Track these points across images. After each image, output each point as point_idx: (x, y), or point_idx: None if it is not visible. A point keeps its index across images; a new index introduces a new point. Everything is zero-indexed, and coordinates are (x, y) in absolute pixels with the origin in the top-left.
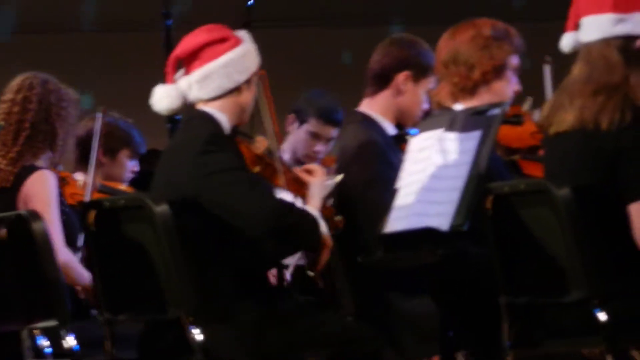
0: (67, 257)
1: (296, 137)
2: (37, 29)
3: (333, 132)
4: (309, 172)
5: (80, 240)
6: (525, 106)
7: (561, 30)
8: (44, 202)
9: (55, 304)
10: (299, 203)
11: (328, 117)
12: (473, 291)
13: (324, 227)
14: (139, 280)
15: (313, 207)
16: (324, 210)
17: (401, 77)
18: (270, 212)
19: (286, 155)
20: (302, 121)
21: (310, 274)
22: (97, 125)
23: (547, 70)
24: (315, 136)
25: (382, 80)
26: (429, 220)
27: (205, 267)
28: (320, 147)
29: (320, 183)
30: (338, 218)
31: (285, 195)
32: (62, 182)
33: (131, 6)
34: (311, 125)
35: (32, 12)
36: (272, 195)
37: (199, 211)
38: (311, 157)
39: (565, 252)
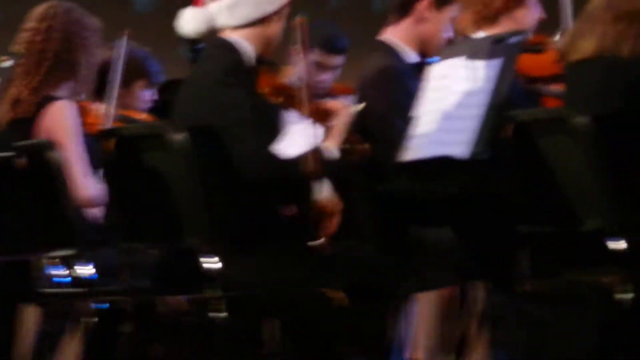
0: (95, 192)
1: (301, 67)
2: None
3: (337, 60)
4: (335, 109)
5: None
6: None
7: None
8: (67, 133)
9: (72, 232)
10: (319, 133)
11: (331, 46)
12: (493, 220)
13: (326, 191)
14: (157, 208)
15: (334, 143)
16: (349, 137)
17: (424, 4)
18: (261, 164)
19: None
20: None
21: (312, 244)
22: (121, 50)
23: None
24: (319, 66)
25: (404, 8)
26: (449, 148)
27: (224, 197)
28: (325, 76)
29: (345, 121)
30: (365, 146)
31: (307, 125)
32: (82, 111)
33: None
34: (315, 54)
35: None
36: (269, 145)
37: (213, 140)
38: (318, 87)
39: (586, 180)
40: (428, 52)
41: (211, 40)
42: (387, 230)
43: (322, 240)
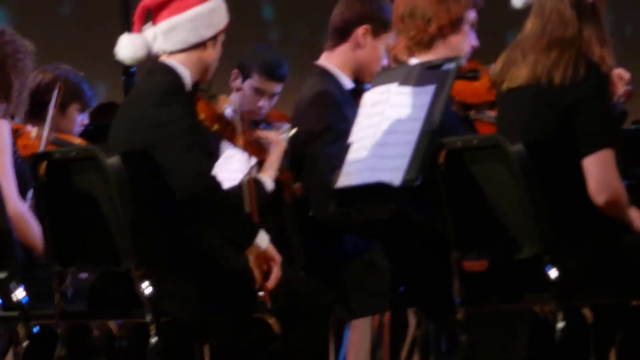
0: (21, 209)
1: (240, 92)
2: None
3: (277, 87)
4: (269, 138)
5: (30, 193)
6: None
7: None
8: None
9: (4, 255)
10: (254, 164)
11: (271, 73)
12: (425, 247)
13: (264, 240)
14: (90, 232)
15: (268, 176)
16: (282, 175)
17: (360, 31)
18: (197, 179)
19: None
20: (245, 76)
21: (260, 294)
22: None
23: None
24: (258, 92)
25: (341, 34)
26: (381, 175)
27: (155, 219)
28: (263, 103)
29: (280, 152)
30: (296, 185)
31: (241, 156)
32: (15, 133)
33: None
34: (254, 80)
35: None
36: (206, 164)
37: (147, 161)
38: (255, 113)
39: (518, 208)
40: (364, 78)
41: (149, 64)
42: (318, 256)
43: (263, 293)
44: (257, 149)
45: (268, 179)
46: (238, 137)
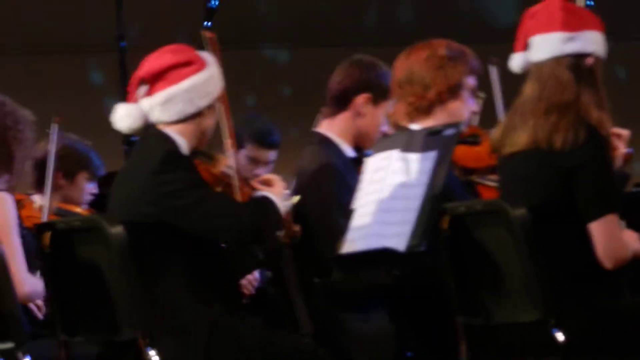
0: (33, 288)
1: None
2: None
3: (271, 154)
4: (267, 182)
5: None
6: (479, 102)
7: None
8: (4, 227)
9: (11, 325)
10: None
11: (263, 141)
12: (430, 311)
13: (279, 202)
14: (94, 301)
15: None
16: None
17: (360, 100)
18: (249, 219)
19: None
20: (239, 146)
21: (279, 234)
22: (54, 136)
23: (493, 71)
24: (253, 160)
25: (341, 102)
26: (385, 240)
27: (160, 286)
28: (260, 171)
29: (279, 193)
30: (296, 227)
31: None
32: (18, 204)
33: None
34: (248, 150)
35: None
36: (240, 203)
37: (155, 230)
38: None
39: (522, 272)
40: (364, 145)
41: (145, 132)
42: (324, 321)
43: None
44: None
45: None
46: (237, 194)
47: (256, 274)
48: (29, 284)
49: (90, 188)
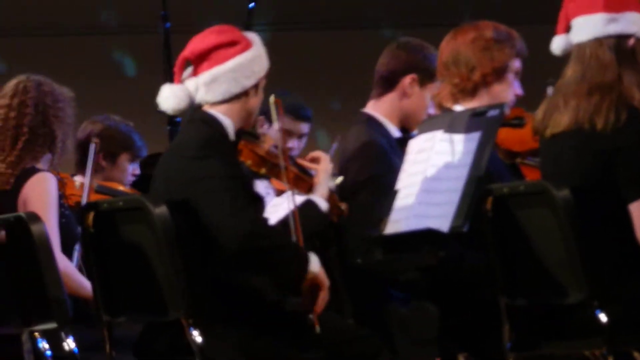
0: (64, 264)
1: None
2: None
3: (303, 127)
4: (314, 159)
5: (78, 246)
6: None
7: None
8: (43, 205)
9: (54, 306)
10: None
11: (297, 113)
12: (473, 293)
13: (316, 264)
14: (138, 282)
15: (320, 196)
16: (328, 197)
17: (407, 80)
18: (245, 229)
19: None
20: (271, 122)
21: (310, 317)
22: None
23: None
24: (288, 132)
25: (388, 83)
26: (429, 221)
27: (203, 268)
28: (293, 144)
29: (327, 170)
30: (343, 205)
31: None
32: (60, 183)
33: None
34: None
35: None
36: (252, 212)
37: (189, 215)
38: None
39: (565, 253)
40: (410, 126)
41: (191, 114)
42: (366, 303)
43: (312, 316)
44: (303, 181)
45: (321, 200)
46: (284, 175)
47: None
48: (60, 260)
49: (132, 169)
